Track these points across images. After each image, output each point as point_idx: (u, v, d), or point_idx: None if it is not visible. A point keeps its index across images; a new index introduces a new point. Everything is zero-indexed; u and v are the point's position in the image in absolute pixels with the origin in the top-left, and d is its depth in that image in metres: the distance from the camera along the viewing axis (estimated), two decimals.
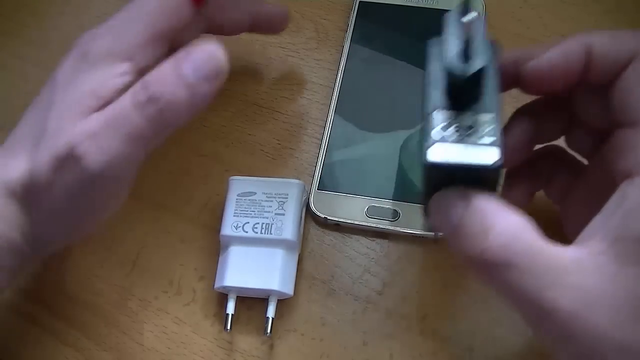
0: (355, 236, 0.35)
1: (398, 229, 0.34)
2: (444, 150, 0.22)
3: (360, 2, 0.41)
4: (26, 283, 0.35)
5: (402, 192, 0.34)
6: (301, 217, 0.34)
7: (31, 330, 0.34)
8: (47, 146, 0.27)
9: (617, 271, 0.20)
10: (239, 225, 0.33)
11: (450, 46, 0.23)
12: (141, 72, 0.27)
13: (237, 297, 0.33)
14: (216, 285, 0.33)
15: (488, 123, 0.23)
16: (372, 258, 0.34)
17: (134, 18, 0.28)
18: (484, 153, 0.22)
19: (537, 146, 0.30)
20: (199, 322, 0.33)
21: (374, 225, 0.34)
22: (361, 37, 0.39)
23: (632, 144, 0.23)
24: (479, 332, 0.31)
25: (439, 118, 0.23)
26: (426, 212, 0.25)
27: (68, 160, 0.26)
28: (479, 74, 0.23)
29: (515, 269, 0.21)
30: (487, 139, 0.22)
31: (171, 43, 0.29)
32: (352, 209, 0.34)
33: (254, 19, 0.36)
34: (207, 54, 0.27)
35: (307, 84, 0.40)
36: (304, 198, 0.34)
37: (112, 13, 0.43)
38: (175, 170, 0.38)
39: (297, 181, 0.34)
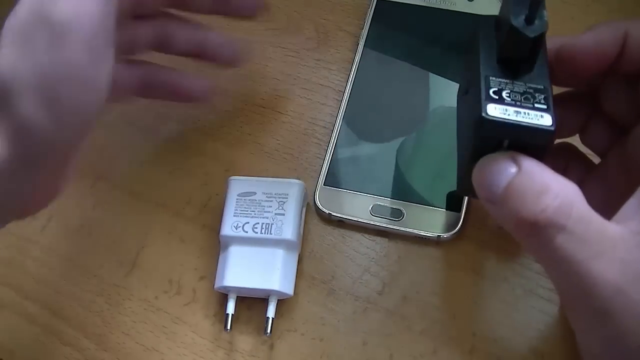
0: (356, 236, 0.35)
1: (402, 228, 0.34)
2: (501, 109, 0.23)
3: (377, 0, 0.41)
4: (26, 283, 0.35)
5: (399, 193, 0.35)
6: (301, 217, 0.34)
7: (31, 330, 0.34)
8: None
9: None
10: (239, 225, 0.33)
11: (515, 9, 0.23)
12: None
13: (237, 297, 0.33)
14: (216, 285, 0.33)
15: (540, 92, 0.24)
16: (372, 258, 0.34)
17: None
18: (539, 117, 0.23)
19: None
20: (199, 322, 0.33)
21: (378, 223, 0.34)
22: (377, 36, 0.39)
23: None
24: (480, 332, 0.31)
25: (493, 82, 0.24)
26: (463, 182, 0.25)
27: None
28: (538, 40, 0.23)
29: (569, 233, 0.21)
30: (540, 106, 0.23)
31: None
32: (357, 206, 0.34)
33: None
34: None
35: (307, 84, 0.40)
36: (304, 198, 0.34)
37: None
38: (175, 170, 0.38)
39: (297, 181, 0.34)
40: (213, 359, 0.33)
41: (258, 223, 0.33)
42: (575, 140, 0.30)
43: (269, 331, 0.32)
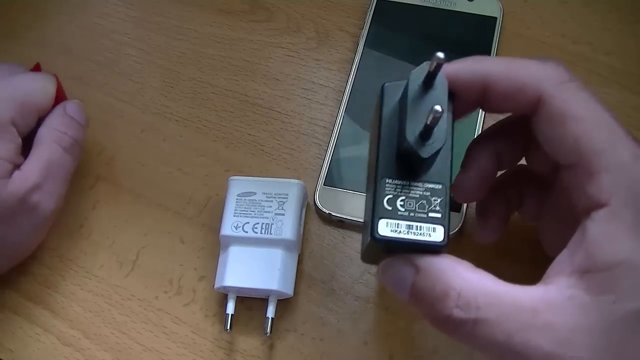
0: (356, 236, 0.35)
1: None
2: (392, 226, 0.23)
3: (377, 0, 0.41)
4: (26, 283, 0.35)
5: None
6: (301, 217, 0.34)
7: (31, 330, 0.34)
8: None
9: (590, 302, 0.20)
10: (238, 226, 0.33)
11: (409, 121, 0.22)
12: (21, 135, 0.33)
13: (237, 297, 0.33)
14: (216, 285, 0.33)
15: (437, 195, 0.23)
16: None
17: (15, 88, 0.33)
18: (431, 232, 0.23)
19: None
20: (199, 322, 0.33)
21: None
22: (376, 35, 0.40)
23: (578, 184, 0.22)
24: None
25: (389, 187, 0.23)
26: (364, 254, 0.26)
27: (19, 208, 0.32)
28: (435, 154, 0.23)
29: (482, 322, 0.21)
30: (434, 215, 0.23)
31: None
32: (357, 206, 0.34)
33: None
34: (77, 104, 0.36)
35: (307, 84, 0.40)
36: (304, 198, 0.34)
37: (112, 13, 0.44)
38: (175, 171, 0.38)
39: (297, 181, 0.34)
40: (213, 359, 0.33)
41: (258, 223, 0.33)
42: None
43: (268, 331, 0.32)
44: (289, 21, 0.42)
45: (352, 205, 0.35)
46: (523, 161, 0.29)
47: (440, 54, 0.22)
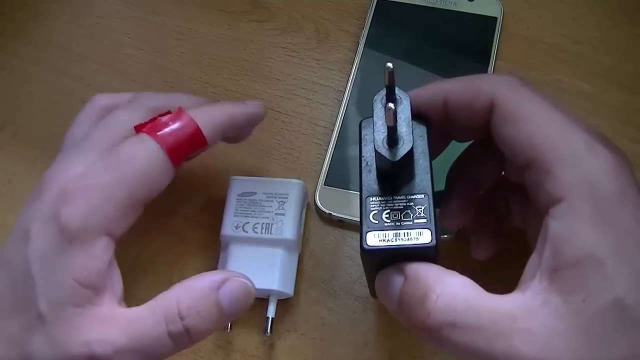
0: (356, 236, 0.35)
1: None
2: (379, 236, 0.23)
3: (377, 0, 0.41)
4: None
5: None
6: (301, 217, 0.34)
7: None
8: (53, 341, 0.24)
9: (562, 303, 0.21)
10: (239, 225, 0.33)
11: (377, 133, 0.24)
12: (117, 238, 0.27)
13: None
14: None
15: (420, 204, 0.24)
16: None
17: (113, 185, 0.26)
18: (418, 235, 0.23)
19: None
20: None
21: None
22: (377, 35, 0.40)
23: (537, 183, 0.23)
24: None
25: (373, 203, 0.24)
26: (373, 293, 0.26)
27: None
28: (407, 157, 0.23)
29: (461, 327, 0.21)
30: (420, 221, 0.23)
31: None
32: (358, 206, 0.34)
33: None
34: (243, 286, 0.27)
35: (307, 84, 0.40)
36: (304, 198, 0.34)
37: (112, 13, 0.44)
38: (177, 175, 0.38)
39: (297, 181, 0.34)
40: (213, 359, 0.33)
41: (258, 223, 0.33)
42: None
43: (268, 331, 0.32)
44: (289, 21, 0.42)
45: (352, 205, 0.35)
46: None
47: (389, 64, 0.24)
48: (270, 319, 0.32)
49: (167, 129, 0.27)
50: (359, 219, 0.34)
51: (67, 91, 0.41)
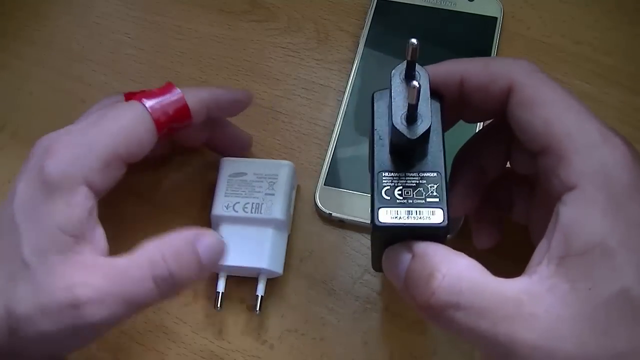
0: (356, 236, 0.35)
1: None
2: (392, 213, 0.23)
3: (377, 0, 0.41)
4: None
5: None
6: (291, 198, 0.34)
7: None
8: (36, 287, 0.25)
9: (569, 290, 0.20)
10: (229, 205, 0.33)
11: (395, 109, 0.23)
12: (99, 193, 0.28)
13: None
14: None
15: (433, 182, 0.24)
16: None
17: (95, 137, 0.27)
18: (430, 215, 0.23)
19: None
20: (199, 322, 0.33)
21: None
22: (377, 35, 0.40)
23: (551, 169, 0.23)
24: None
25: (386, 179, 0.24)
26: (374, 262, 0.27)
27: (65, 307, 0.25)
28: (426, 135, 0.23)
29: (465, 309, 0.21)
30: (432, 200, 0.23)
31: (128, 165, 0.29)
32: (357, 206, 0.35)
33: (215, 140, 0.36)
34: (217, 240, 0.28)
35: (307, 84, 0.40)
36: (293, 179, 0.34)
37: (112, 13, 0.44)
38: (175, 171, 0.38)
39: (287, 162, 0.34)
40: (213, 359, 0.33)
41: (248, 203, 0.33)
42: None
43: (258, 309, 0.32)
44: (289, 21, 0.42)
45: (352, 205, 0.35)
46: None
47: (414, 40, 0.23)
48: (260, 297, 0.32)
49: (155, 98, 0.29)
50: (359, 219, 0.34)
51: (67, 91, 0.41)
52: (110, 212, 0.37)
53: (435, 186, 0.24)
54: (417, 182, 0.24)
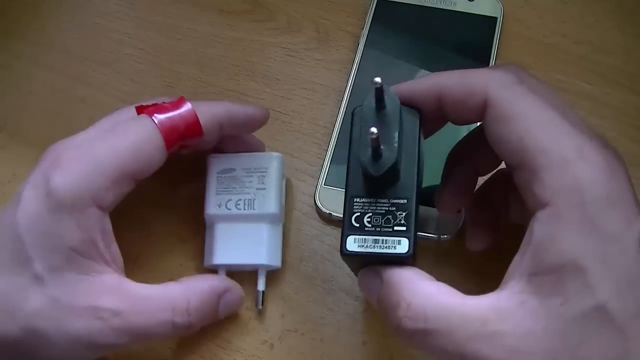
0: None
1: None
2: (359, 241, 0.24)
3: (377, 0, 0.41)
4: None
5: None
6: (282, 190, 0.34)
7: None
8: (55, 304, 0.25)
9: (539, 306, 0.21)
10: (222, 203, 0.33)
11: (361, 147, 0.24)
12: (108, 209, 0.28)
13: (229, 280, 0.33)
14: (205, 263, 0.33)
15: (402, 209, 0.24)
16: None
17: (104, 155, 0.27)
18: (396, 244, 0.24)
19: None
20: None
21: None
22: (377, 35, 0.40)
23: (525, 185, 0.23)
24: None
25: (357, 205, 0.25)
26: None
27: (83, 328, 0.26)
28: (389, 171, 0.24)
29: (432, 333, 0.22)
30: (399, 228, 0.24)
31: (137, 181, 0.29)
32: None
33: (225, 146, 0.35)
34: (239, 298, 0.32)
35: (307, 84, 0.40)
36: (283, 170, 0.34)
37: (112, 13, 0.44)
38: (175, 170, 0.38)
39: (275, 154, 0.34)
40: (213, 359, 0.33)
41: (240, 199, 0.33)
42: None
43: (260, 304, 0.32)
44: (289, 21, 0.42)
45: None
46: None
47: (377, 79, 0.24)
48: (261, 292, 0.33)
49: (166, 113, 0.29)
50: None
51: (67, 91, 0.41)
52: (109, 212, 0.37)
53: (404, 214, 0.24)
54: (387, 209, 0.24)
